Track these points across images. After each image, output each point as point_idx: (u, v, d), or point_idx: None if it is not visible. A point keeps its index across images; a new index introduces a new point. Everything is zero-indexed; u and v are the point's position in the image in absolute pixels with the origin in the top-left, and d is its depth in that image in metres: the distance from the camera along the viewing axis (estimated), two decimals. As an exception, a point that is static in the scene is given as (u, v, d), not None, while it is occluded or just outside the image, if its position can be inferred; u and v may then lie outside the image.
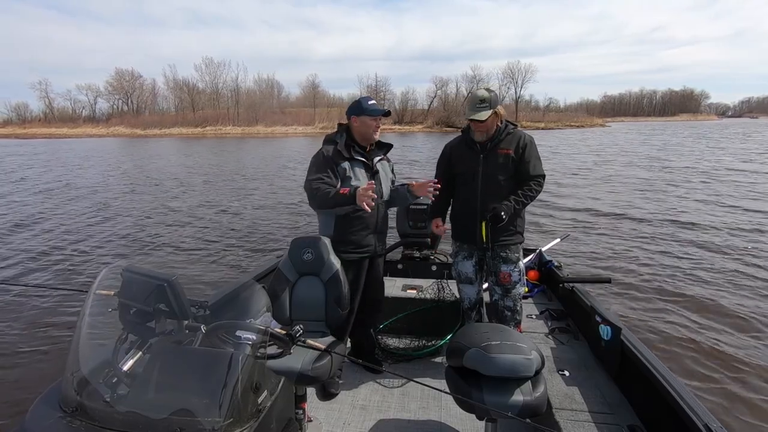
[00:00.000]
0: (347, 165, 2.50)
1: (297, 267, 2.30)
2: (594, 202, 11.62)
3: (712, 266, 6.57)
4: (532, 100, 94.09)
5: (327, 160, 2.50)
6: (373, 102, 2.57)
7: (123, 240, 8.58)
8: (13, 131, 69.46)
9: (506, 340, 1.74)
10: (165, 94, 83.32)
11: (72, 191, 14.45)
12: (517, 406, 1.63)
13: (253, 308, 1.54)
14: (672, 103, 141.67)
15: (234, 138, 54.07)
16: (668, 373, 2.09)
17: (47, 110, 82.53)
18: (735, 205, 10.80)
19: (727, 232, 8.42)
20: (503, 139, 2.57)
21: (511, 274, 2.63)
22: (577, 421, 2.19)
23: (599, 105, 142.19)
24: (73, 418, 1.18)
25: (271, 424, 1.33)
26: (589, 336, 2.99)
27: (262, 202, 12.32)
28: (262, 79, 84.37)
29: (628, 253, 7.31)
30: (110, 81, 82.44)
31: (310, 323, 2.19)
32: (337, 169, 2.49)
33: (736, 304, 5.27)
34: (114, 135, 63.07)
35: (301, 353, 1.87)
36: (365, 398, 2.57)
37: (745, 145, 29.77)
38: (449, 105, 70.22)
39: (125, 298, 1.34)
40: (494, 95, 2.54)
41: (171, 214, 10.94)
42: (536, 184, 2.55)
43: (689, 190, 12.99)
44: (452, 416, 2.38)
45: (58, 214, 10.90)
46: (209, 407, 1.15)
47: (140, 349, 1.31)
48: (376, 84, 76.97)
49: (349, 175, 2.50)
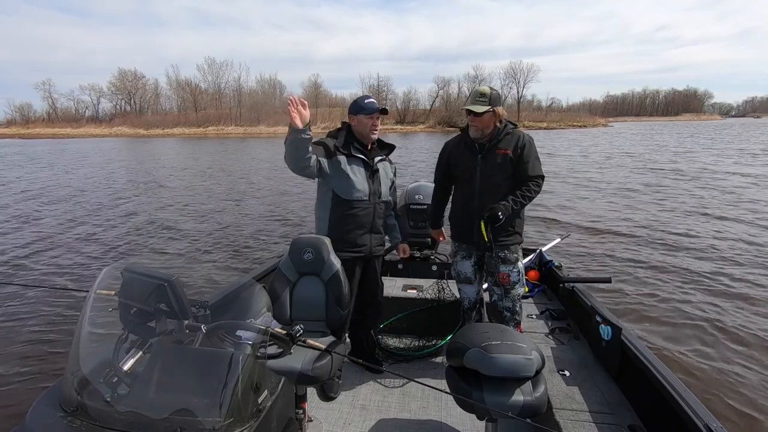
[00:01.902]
0: (343, 159, 2.52)
1: (297, 267, 2.30)
2: (594, 202, 11.61)
3: (713, 266, 6.55)
4: (534, 99, 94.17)
5: (321, 142, 2.53)
6: (370, 100, 2.57)
7: (123, 240, 8.59)
8: (17, 131, 69.78)
9: (506, 340, 1.74)
10: (168, 95, 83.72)
11: (72, 191, 14.49)
12: (517, 406, 1.63)
13: (254, 308, 1.55)
14: (675, 102, 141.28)
15: (236, 138, 54.20)
16: (668, 373, 2.08)
17: (50, 110, 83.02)
18: (735, 205, 10.78)
19: (728, 232, 8.39)
20: (502, 139, 2.56)
21: (510, 275, 2.62)
22: (578, 421, 2.19)
23: (602, 105, 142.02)
24: (74, 417, 1.19)
25: (271, 424, 1.34)
26: (589, 336, 2.99)
27: (262, 203, 12.32)
28: (264, 79, 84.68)
29: (628, 253, 7.29)
30: (113, 81, 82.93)
31: (310, 323, 2.19)
32: (332, 158, 2.50)
33: (736, 304, 5.25)
34: (117, 135, 63.31)
35: (302, 353, 1.87)
36: (365, 398, 2.57)
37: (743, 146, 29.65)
38: (451, 105, 70.24)
39: (125, 298, 1.35)
40: (496, 94, 2.54)
41: (171, 214, 10.96)
42: (535, 185, 2.53)
43: (690, 190, 12.95)
44: (452, 416, 2.38)
45: (58, 215, 10.93)
46: (210, 407, 1.16)
47: (140, 349, 1.31)
48: (378, 84, 77.07)
49: (345, 169, 2.51)
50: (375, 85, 76.79)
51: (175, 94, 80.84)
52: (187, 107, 76.49)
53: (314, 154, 2.37)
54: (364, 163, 2.58)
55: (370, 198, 2.58)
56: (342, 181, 2.52)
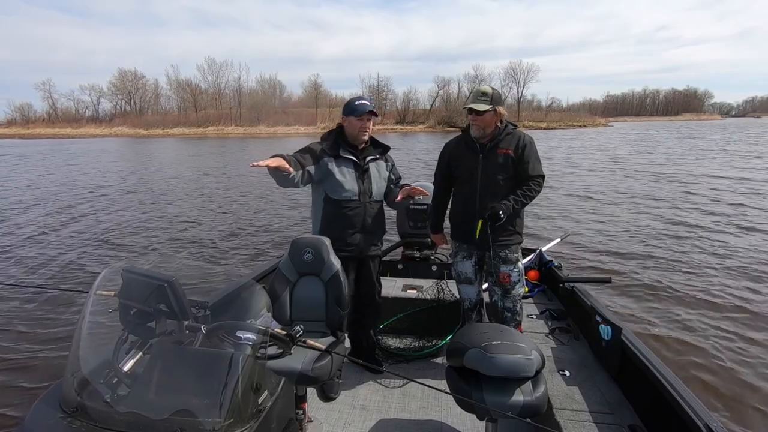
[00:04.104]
0: (330, 160, 2.56)
1: (297, 267, 2.30)
2: (594, 203, 11.61)
3: (713, 266, 6.55)
4: (534, 99, 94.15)
5: (308, 148, 2.59)
6: (361, 102, 2.58)
7: (123, 240, 8.60)
8: (17, 131, 69.83)
9: (506, 340, 1.74)
10: (168, 95, 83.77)
11: (72, 191, 14.50)
12: (517, 406, 1.63)
13: (254, 308, 1.55)
14: (675, 102, 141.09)
15: (236, 138, 54.23)
16: (668, 373, 2.08)
17: (51, 110, 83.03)
18: (736, 204, 10.79)
19: (728, 232, 8.39)
20: (503, 139, 2.56)
21: (511, 275, 2.63)
22: (578, 421, 2.19)
23: (602, 105, 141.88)
24: (74, 418, 1.19)
25: (271, 424, 1.34)
26: (589, 336, 2.99)
27: (262, 203, 12.32)
28: (264, 80, 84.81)
29: (628, 252, 7.30)
30: (113, 81, 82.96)
31: (310, 323, 2.19)
32: (319, 162, 2.55)
33: (737, 304, 5.25)
34: (117, 135, 63.36)
35: (302, 353, 1.87)
36: (365, 398, 2.57)
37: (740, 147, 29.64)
38: (451, 105, 70.22)
39: (125, 298, 1.35)
40: (497, 94, 2.55)
41: (171, 214, 10.97)
42: (535, 185, 2.54)
43: (690, 191, 12.95)
44: (452, 416, 2.38)
45: (58, 214, 10.94)
46: (210, 408, 1.16)
47: (140, 350, 1.32)
48: (378, 84, 77.09)
49: (332, 170, 2.55)
50: (375, 85, 77.03)
51: (175, 94, 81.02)
52: (187, 107, 76.56)
53: (299, 171, 2.45)
54: (353, 163, 2.60)
55: (360, 197, 2.59)
56: (331, 182, 2.56)
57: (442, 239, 2.98)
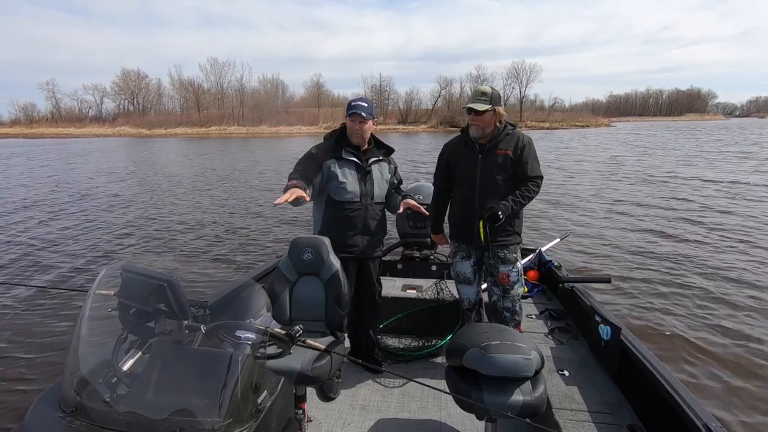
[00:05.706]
0: (333, 163, 2.55)
1: (297, 267, 2.31)
2: (594, 203, 11.58)
3: (713, 266, 6.53)
4: (537, 99, 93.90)
5: (310, 155, 2.59)
6: (356, 103, 2.58)
7: (123, 240, 8.62)
8: (21, 131, 70.17)
9: (506, 340, 1.74)
10: (170, 94, 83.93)
11: (73, 191, 14.54)
12: (516, 406, 1.64)
13: (253, 308, 1.55)
14: (678, 102, 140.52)
15: (238, 138, 54.27)
16: (668, 373, 2.08)
17: (54, 110, 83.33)
18: (737, 204, 10.75)
19: (729, 232, 8.37)
20: (502, 140, 2.57)
21: (510, 275, 2.63)
22: (577, 420, 2.19)
23: (605, 105, 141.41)
24: (73, 418, 1.19)
25: (271, 424, 1.34)
26: (588, 336, 2.99)
27: (263, 203, 12.33)
28: (266, 79, 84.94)
29: (627, 252, 7.28)
30: (116, 81, 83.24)
31: (309, 323, 2.19)
32: (322, 166, 2.54)
33: (736, 304, 5.24)
34: (120, 135, 63.54)
35: (301, 353, 1.87)
36: (365, 398, 2.58)
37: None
38: (453, 105, 70.08)
39: (125, 298, 1.35)
40: (497, 94, 2.56)
41: (171, 214, 10.99)
42: (534, 185, 2.55)
43: (690, 190, 12.91)
44: (452, 416, 2.39)
45: (58, 214, 10.97)
46: (209, 407, 1.16)
47: (140, 349, 1.32)
48: (380, 84, 77.05)
49: (335, 172, 2.55)
50: (377, 85, 76.93)
51: (178, 94, 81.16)
52: (190, 107, 76.67)
53: (309, 187, 2.44)
54: (356, 165, 2.60)
55: (361, 199, 2.60)
56: (333, 183, 2.56)
57: (443, 239, 2.98)
